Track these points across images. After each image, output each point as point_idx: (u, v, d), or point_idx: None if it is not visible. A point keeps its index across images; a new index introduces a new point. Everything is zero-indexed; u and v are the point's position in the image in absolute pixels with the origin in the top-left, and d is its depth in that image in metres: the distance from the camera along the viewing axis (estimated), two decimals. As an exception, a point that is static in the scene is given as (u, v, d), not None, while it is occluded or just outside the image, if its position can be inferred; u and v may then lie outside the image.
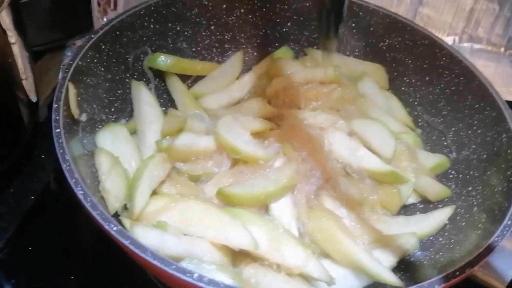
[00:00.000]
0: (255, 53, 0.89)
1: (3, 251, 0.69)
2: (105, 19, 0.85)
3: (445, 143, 0.76)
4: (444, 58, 0.76)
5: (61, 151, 0.55)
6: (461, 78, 0.74)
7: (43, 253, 0.69)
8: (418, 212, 0.71)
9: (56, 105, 0.60)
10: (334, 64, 0.77)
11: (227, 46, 0.87)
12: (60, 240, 0.72)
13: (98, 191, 0.62)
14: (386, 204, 0.67)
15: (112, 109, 0.74)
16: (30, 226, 0.72)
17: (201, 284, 0.45)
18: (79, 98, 0.66)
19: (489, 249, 0.52)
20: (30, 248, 0.69)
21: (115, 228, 0.48)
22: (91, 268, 0.71)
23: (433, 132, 0.78)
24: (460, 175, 0.71)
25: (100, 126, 0.70)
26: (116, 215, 0.62)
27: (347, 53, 0.86)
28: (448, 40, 1.09)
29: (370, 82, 0.81)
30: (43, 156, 0.81)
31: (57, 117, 0.58)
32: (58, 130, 0.57)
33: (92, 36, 0.70)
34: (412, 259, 0.63)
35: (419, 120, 0.80)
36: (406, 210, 0.72)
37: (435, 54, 0.77)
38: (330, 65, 0.75)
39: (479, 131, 0.71)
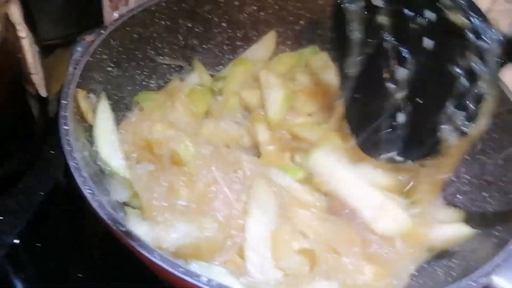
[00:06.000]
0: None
1: (13, 247, 0.69)
2: (116, 15, 0.84)
3: (460, 147, 0.74)
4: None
5: (68, 148, 0.54)
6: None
7: (52, 248, 0.69)
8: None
9: (64, 102, 0.59)
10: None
11: (238, 43, 0.86)
12: (69, 236, 0.71)
13: (106, 189, 0.62)
14: None
15: (121, 105, 0.74)
16: (40, 222, 0.71)
17: (209, 288, 0.44)
18: (89, 95, 0.66)
19: (505, 258, 0.50)
20: (39, 244, 0.69)
21: (122, 229, 0.48)
22: (100, 264, 0.70)
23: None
24: (475, 180, 0.70)
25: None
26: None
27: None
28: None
29: None
30: (53, 152, 0.80)
31: (65, 114, 0.58)
32: (66, 127, 0.56)
33: (102, 31, 0.69)
34: (424, 266, 0.62)
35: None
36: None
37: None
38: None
39: (496, 136, 0.69)
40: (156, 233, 0.55)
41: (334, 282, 0.56)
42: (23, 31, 0.68)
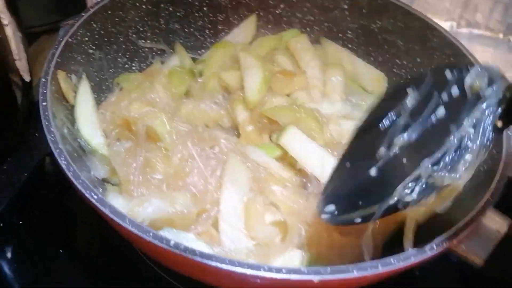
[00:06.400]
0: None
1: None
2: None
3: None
4: (435, 40, 0.76)
5: (46, 123, 0.56)
6: (452, 59, 0.73)
7: (34, 227, 0.71)
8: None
9: (44, 80, 0.61)
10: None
11: (220, 27, 0.88)
12: (51, 215, 0.73)
13: (86, 166, 0.63)
14: None
15: (103, 87, 0.75)
16: (22, 201, 0.73)
17: (177, 251, 0.45)
18: (70, 76, 0.67)
19: (468, 225, 0.52)
20: (21, 222, 0.71)
21: (95, 197, 0.49)
22: (82, 241, 0.72)
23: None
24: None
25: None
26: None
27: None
28: (446, 25, 1.08)
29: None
30: (37, 135, 0.82)
31: (44, 91, 0.59)
32: (44, 104, 0.58)
33: (83, 14, 0.70)
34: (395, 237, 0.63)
35: (410, 102, 0.80)
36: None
37: (426, 35, 0.77)
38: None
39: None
40: (130, 208, 0.57)
41: (306, 252, 0.57)
42: (6, 19, 0.70)
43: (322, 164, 0.64)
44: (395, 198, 0.47)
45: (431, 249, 0.49)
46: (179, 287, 0.64)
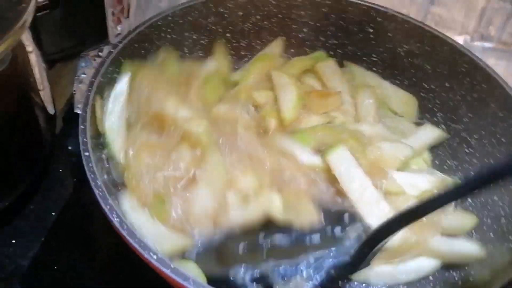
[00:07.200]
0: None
1: (27, 269, 0.68)
2: (119, 28, 0.83)
3: (467, 151, 0.76)
4: (465, 65, 0.76)
5: (92, 176, 0.53)
6: (483, 85, 0.73)
7: (67, 269, 0.69)
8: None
9: (82, 127, 0.58)
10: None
11: (243, 53, 0.86)
12: (84, 257, 0.71)
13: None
14: None
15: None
16: (53, 243, 0.71)
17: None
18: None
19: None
20: (55, 267, 0.69)
21: (155, 257, 0.48)
22: (117, 284, 0.70)
23: (454, 139, 0.78)
24: (484, 184, 0.71)
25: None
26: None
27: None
28: (459, 39, 1.08)
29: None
30: (61, 170, 0.80)
31: (85, 139, 0.57)
32: (87, 154, 0.55)
33: (112, 50, 0.68)
34: (439, 278, 0.63)
35: (439, 126, 0.80)
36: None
37: (455, 60, 0.77)
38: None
39: (503, 140, 0.70)
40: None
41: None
42: (30, 46, 0.68)
43: (361, 192, 0.64)
44: None
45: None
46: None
